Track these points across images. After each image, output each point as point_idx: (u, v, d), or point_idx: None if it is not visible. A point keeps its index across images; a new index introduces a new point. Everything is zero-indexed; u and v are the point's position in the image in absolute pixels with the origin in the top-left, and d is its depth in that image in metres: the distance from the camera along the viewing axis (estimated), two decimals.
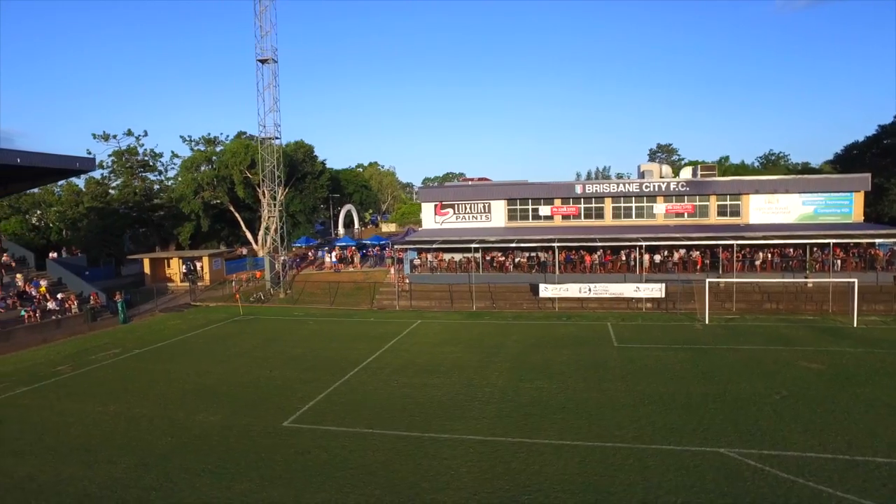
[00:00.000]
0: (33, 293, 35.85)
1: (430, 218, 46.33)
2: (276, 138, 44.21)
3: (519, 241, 39.15)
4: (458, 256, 43.16)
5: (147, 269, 51.47)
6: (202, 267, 50.55)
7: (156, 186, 66.70)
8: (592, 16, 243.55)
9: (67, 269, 39.91)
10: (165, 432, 16.52)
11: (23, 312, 33.18)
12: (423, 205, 47.08)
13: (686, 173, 47.07)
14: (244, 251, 63.33)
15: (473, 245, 39.54)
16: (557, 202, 44.04)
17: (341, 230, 77.33)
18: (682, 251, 39.50)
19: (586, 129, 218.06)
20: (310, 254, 52.35)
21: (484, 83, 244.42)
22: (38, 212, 67.58)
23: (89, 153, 60.40)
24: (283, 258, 45.46)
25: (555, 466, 13.23)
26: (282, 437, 15.78)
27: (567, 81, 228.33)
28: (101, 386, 21.96)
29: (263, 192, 55.74)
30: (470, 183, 54.08)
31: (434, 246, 41.21)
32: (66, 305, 35.88)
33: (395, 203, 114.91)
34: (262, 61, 43.50)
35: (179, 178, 60.17)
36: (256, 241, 59.88)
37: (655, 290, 35.26)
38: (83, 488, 13.06)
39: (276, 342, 28.85)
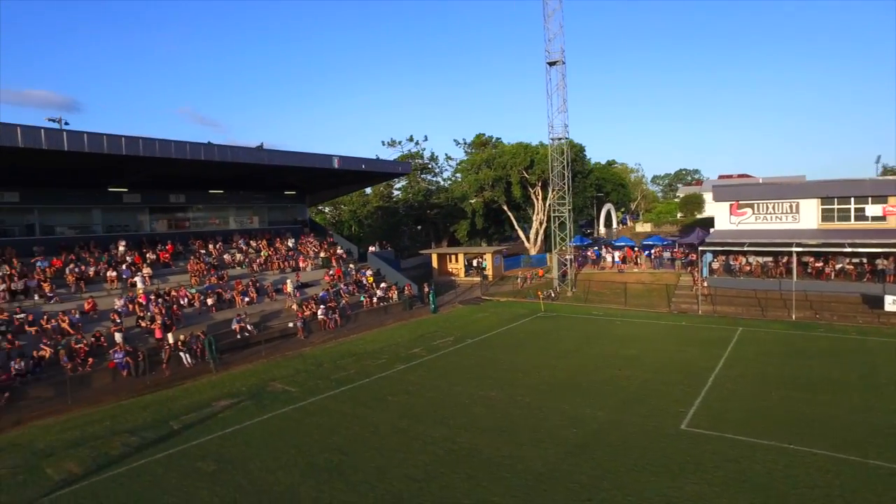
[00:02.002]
0: (364, 282, 41.11)
1: (723, 218, 43.33)
2: (564, 139, 44.82)
3: (851, 244, 34.68)
4: (761, 260, 39.75)
5: (434, 264, 56.08)
6: (486, 263, 53.58)
7: (430, 188, 72.54)
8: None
9: (384, 261, 45.04)
10: (565, 423, 17.39)
11: (362, 298, 38.22)
12: (716, 204, 44.18)
13: None
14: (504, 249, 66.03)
15: (793, 248, 35.91)
16: (893, 200, 38.07)
17: (602, 229, 76.59)
18: None
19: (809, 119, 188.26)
20: (589, 252, 52.40)
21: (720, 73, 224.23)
22: (328, 209, 77.38)
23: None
24: (569, 256, 46.02)
25: None
26: (693, 442, 15.58)
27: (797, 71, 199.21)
28: (466, 371, 24.07)
29: (538, 191, 57.47)
30: (761, 181, 49.46)
31: (744, 248, 38.47)
32: (389, 294, 40.51)
33: (643, 202, 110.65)
34: (551, 63, 44.38)
35: (460, 179, 64.56)
36: (528, 240, 61.87)
37: None
38: (529, 467, 14.21)
39: (598, 340, 29.14)
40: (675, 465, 14.06)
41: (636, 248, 51.37)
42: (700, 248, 40.33)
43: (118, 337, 25.12)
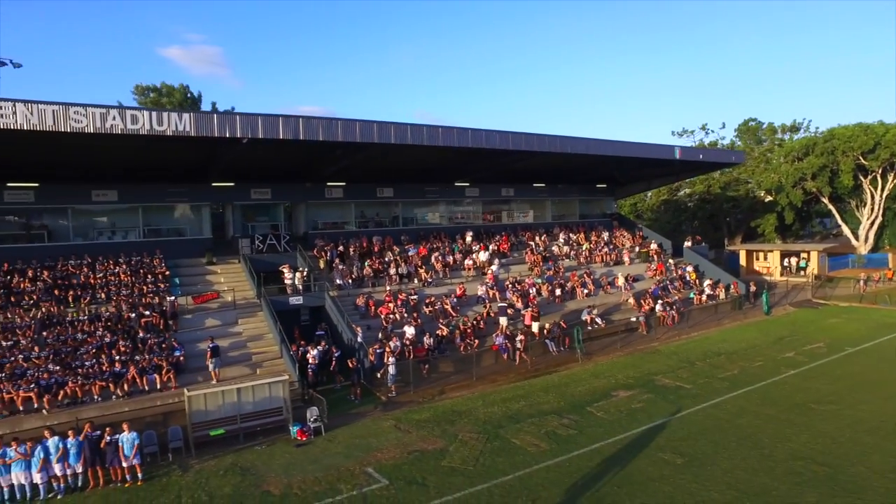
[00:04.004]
0: (687, 278, 39.34)
1: None
2: None
3: None
4: None
5: (742, 261, 51.83)
6: (805, 262, 47.98)
7: (731, 180, 67.12)
8: None
9: (701, 256, 42.72)
10: None
11: (691, 295, 36.58)
12: None
13: None
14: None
15: None
16: None
17: None
18: None
19: None
20: None
21: None
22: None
23: None
24: None
25: None
26: None
27: None
28: (882, 385, 21.30)
29: (876, 179, 49.67)
30: None
31: None
32: (716, 292, 38.17)
33: None
34: None
35: (773, 168, 58.71)
36: (856, 237, 54.03)
37: None
38: None
39: None
40: None
41: None
42: None
43: (503, 321, 27.12)
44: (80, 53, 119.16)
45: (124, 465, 14.95)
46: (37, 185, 25.85)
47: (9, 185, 25.31)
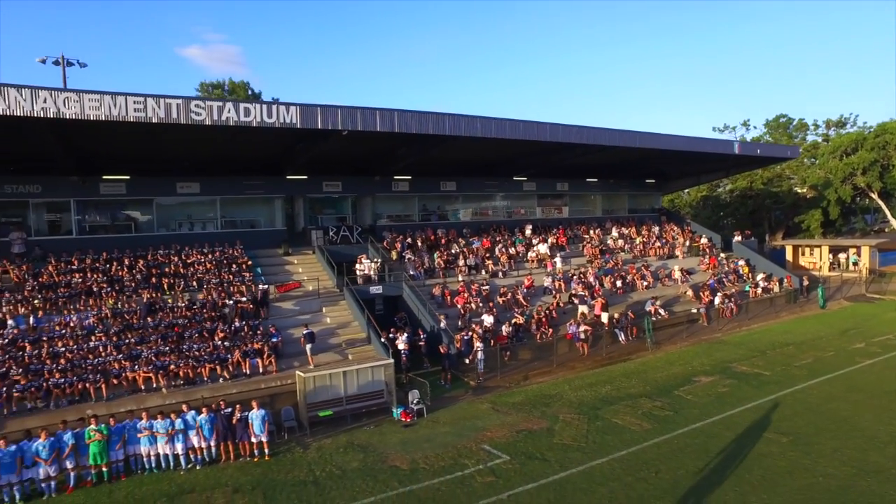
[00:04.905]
0: (740, 271, 39.61)
1: None
2: None
3: None
4: None
5: (789, 256, 51.76)
6: (856, 258, 47.81)
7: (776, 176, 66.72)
8: None
9: (751, 250, 42.94)
10: None
11: (747, 288, 36.88)
12: None
13: None
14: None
15: None
16: None
17: None
18: None
19: None
20: None
21: None
22: None
23: None
24: None
25: None
26: None
27: None
28: None
29: None
30: None
31: None
32: (770, 285, 38.39)
33: None
34: None
35: (820, 164, 58.43)
36: None
37: None
38: None
39: None
40: None
41: None
42: None
43: (584, 308, 27.87)
44: (94, 53, 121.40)
45: (253, 440, 15.86)
46: (128, 177, 26.98)
47: (104, 177, 26.46)
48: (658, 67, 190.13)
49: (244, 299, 23.53)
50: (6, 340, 19.39)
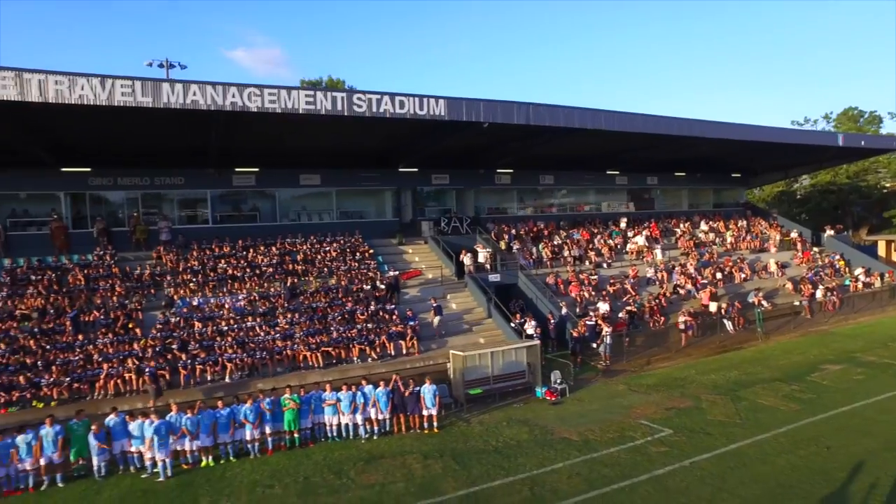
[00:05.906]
0: (836, 265, 39.17)
1: None
2: None
3: None
4: None
5: (881, 252, 50.67)
6: None
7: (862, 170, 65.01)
8: None
9: (844, 244, 42.49)
10: None
11: (847, 282, 36.53)
12: None
13: None
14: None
15: None
16: None
17: None
18: None
19: None
20: None
21: None
22: None
23: None
24: None
25: None
26: None
27: None
28: None
29: None
30: None
31: None
32: (870, 279, 37.87)
33: None
34: None
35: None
36: None
37: None
38: None
39: None
40: None
41: None
42: None
43: (703, 295, 28.48)
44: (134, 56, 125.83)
45: (424, 413, 17.02)
46: (257, 169, 28.72)
47: (237, 170, 28.26)
48: (697, 61, 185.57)
49: (382, 286, 24.88)
50: (179, 319, 21.19)
